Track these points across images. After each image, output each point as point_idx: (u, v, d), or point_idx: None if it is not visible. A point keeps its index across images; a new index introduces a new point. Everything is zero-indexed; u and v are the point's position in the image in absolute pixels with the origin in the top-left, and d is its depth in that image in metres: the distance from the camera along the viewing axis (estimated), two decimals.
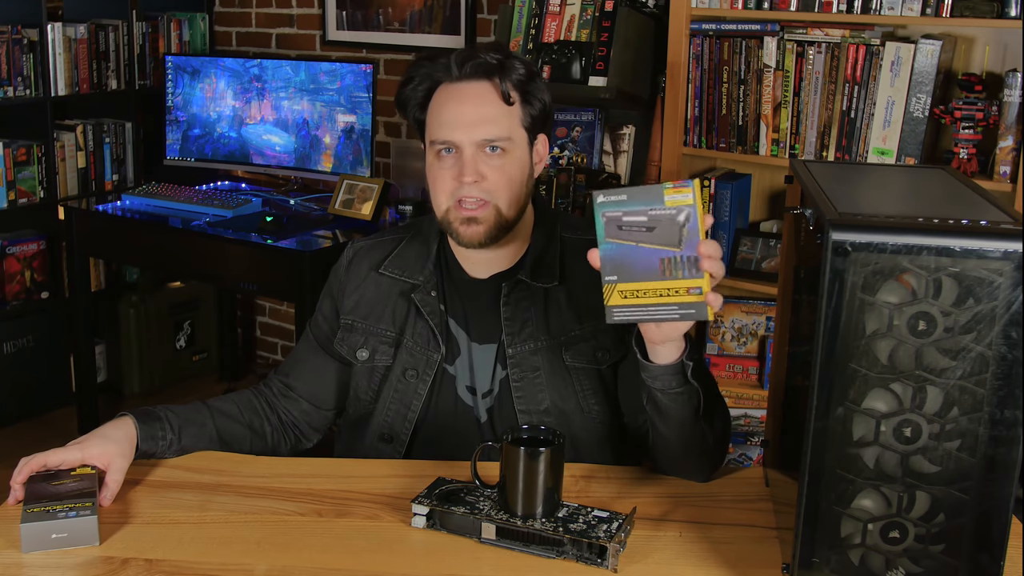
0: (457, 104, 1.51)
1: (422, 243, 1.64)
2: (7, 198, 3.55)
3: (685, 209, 1.16)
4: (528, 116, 1.55)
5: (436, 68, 1.54)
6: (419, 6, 3.57)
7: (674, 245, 1.17)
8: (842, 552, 1.07)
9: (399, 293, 1.62)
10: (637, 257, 1.19)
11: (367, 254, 1.67)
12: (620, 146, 3.06)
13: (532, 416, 1.55)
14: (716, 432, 1.42)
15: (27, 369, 3.71)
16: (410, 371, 1.59)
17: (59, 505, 1.27)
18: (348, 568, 1.23)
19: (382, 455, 1.60)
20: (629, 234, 1.19)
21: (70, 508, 1.27)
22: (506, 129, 1.51)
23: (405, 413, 1.59)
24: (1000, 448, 1.02)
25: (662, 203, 1.16)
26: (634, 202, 1.17)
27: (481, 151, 1.50)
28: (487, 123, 1.50)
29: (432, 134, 1.53)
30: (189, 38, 4.05)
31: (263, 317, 4.33)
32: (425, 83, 1.55)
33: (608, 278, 1.21)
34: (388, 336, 1.62)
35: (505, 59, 1.52)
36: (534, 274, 1.58)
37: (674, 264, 1.18)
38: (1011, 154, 2.32)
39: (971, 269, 0.99)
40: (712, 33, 2.65)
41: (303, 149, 3.50)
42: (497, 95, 1.51)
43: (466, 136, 1.50)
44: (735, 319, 2.76)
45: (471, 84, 1.52)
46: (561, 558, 1.24)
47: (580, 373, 1.56)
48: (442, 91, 1.54)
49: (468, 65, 1.51)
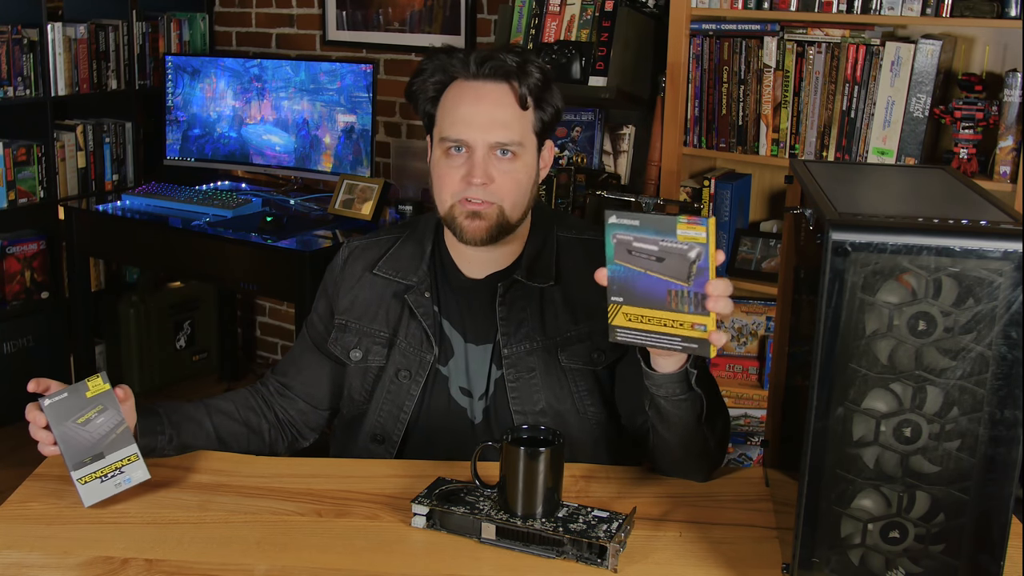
0: (473, 103, 1.50)
1: (416, 243, 1.64)
2: (7, 198, 3.55)
3: (697, 247, 1.15)
4: (540, 122, 1.54)
5: (452, 63, 1.52)
6: (419, 6, 3.57)
7: (683, 279, 1.17)
8: (842, 552, 1.07)
9: (392, 294, 1.62)
10: (645, 284, 1.19)
11: (362, 254, 1.67)
12: (620, 146, 3.06)
13: (527, 417, 1.54)
14: (717, 435, 1.42)
15: (27, 369, 3.70)
16: (403, 372, 1.59)
17: (107, 468, 1.34)
18: (348, 568, 1.23)
19: (374, 456, 1.60)
20: (638, 260, 1.18)
21: (117, 468, 1.34)
22: (519, 134, 1.51)
23: (397, 414, 1.59)
24: (1000, 448, 1.02)
25: (674, 236, 1.15)
26: (646, 229, 1.17)
27: (492, 153, 1.49)
28: (501, 126, 1.49)
29: (443, 130, 1.52)
30: (189, 38, 4.04)
31: (263, 317, 4.33)
32: (438, 76, 1.54)
33: (614, 298, 1.21)
34: (381, 337, 1.61)
35: (524, 63, 1.51)
36: (530, 274, 1.57)
37: (681, 297, 1.18)
38: (1011, 154, 2.32)
39: (971, 269, 0.99)
40: (712, 33, 2.65)
41: (303, 149, 3.50)
42: (514, 98, 1.50)
43: (479, 137, 1.49)
44: (735, 319, 2.76)
45: (489, 84, 1.50)
46: (561, 558, 1.24)
47: (576, 374, 1.56)
48: (457, 87, 1.52)
49: (488, 65, 1.50)
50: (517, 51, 1.53)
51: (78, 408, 1.36)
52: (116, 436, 1.36)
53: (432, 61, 1.55)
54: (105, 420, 1.36)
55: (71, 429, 1.35)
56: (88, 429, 1.35)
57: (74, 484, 1.33)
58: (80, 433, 1.35)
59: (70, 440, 1.34)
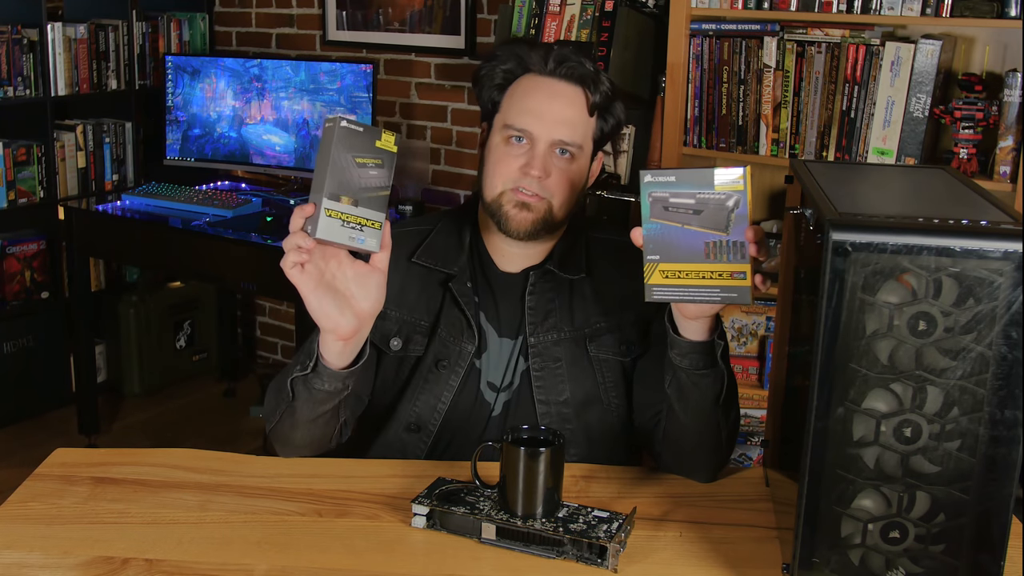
0: (547, 98, 1.52)
1: (454, 234, 1.63)
2: (7, 198, 3.55)
3: (735, 195, 1.17)
4: (600, 131, 1.57)
5: (529, 56, 1.54)
6: (419, 6, 3.57)
7: (721, 229, 1.19)
8: (842, 552, 1.07)
9: (434, 282, 1.60)
10: (682, 238, 1.20)
11: (393, 242, 1.64)
12: (620, 146, 3.06)
13: (551, 407, 1.55)
14: (729, 426, 1.42)
15: (27, 369, 3.71)
16: (443, 362, 1.58)
17: (353, 217, 1.27)
18: (348, 568, 1.23)
19: (407, 446, 1.58)
20: (675, 215, 1.20)
21: (360, 223, 1.28)
22: (581, 137, 1.53)
23: (435, 404, 1.57)
24: (1000, 448, 1.02)
25: (712, 187, 1.18)
26: (683, 184, 1.19)
27: (552, 150, 1.52)
28: (568, 126, 1.52)
29: (509, 118, 1.53)
30: (189, 38, 4.05)
31: (263, 317, 4.33)
32: (511, 65, 1.55)
33: (651, 257, 1.22)
34: (422, 326, 1.60)
35: (597, 73, 1.55)
36: (562, 266, 1.59)
37: (719, 248, 1.19)
38: (1011, 154, 2.32)
39: (971, 269, 0.99)
40: (712, 33, 2.65)
41: (303, 149, 3.50)
42: (585, 103, 1.53)
43: (545, 131, 1.51)
44: (735, 319, 2.76)
45: (563, 84, 1.53)
46: (561, 558, 1.24)
47: (604, 365, 1.57)
48: (530, 80, 1.54)
49: (565, 66, 1.53)
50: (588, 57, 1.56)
51: (363, 148, 1.28)
52: (376, 196, 1.29)
53: (507, 49, 1.56)
54: (378, 175, 1.29)
55: (346, 161, 1.27)
56: (359, 172, 1.28)
57: (317, 210, 1.25)
58: (351, 170, 1.27)
59: (338, 170, 1.26)
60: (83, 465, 1.47)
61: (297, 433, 1.48)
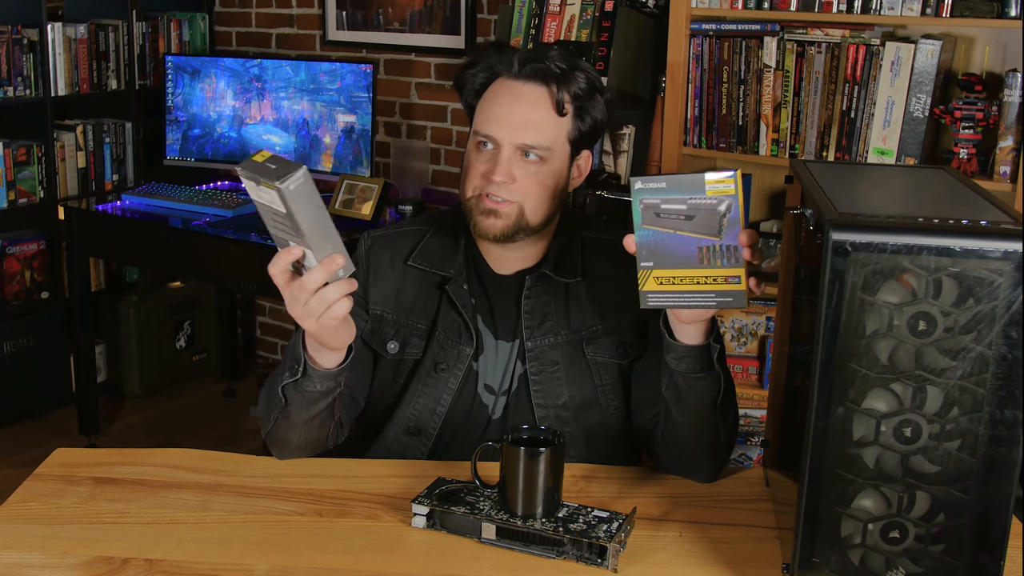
0: (509, 103, 1.51)
1: (448, 236, 1.63)
2: (7, 198, 3.55)
3: (727, 199, 1.17)
4: (576, 130, 1.54)
5: (500, 60, 1.53)
6: (419, 6, 3.56)
7: (714, 234, 1.19)
8: (842, 552, 1.07)
9: (430, 285, 1.60)
10: (675, 244, 1.20)
11: (388, 244, 1.64)
12: (620, 146, 3.06)
13: (549, 411, 1.55)
14: (727, 428, 1.42)
15: (27, 369, 3.71)
16: (441, 364, 1.58)
17: None
18: (348, 568, 1.23)
19: (406, 449, 1.58)
20: (667, 221, 1.20)
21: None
22: (549, 139, 1.51)
23: (434, 407, 1.58)
24: (1000, 448, 1.02)
25: (703, 192, 1.17)
26: (673, 190, 1.18)
27: (519, 154, 1.50)
28: (531, 129, 1.50)
29: (477, 125, 1.53)
30: (189, 38, 4.04)
31: (263, 317, 4.33)
32: (485, 71, 1.55)
33: (644, 264, 1.22)
34: (419, 329, 1.59)
35: (570, 70, 1.51)
36: (557, 269, 1.58)
37: (713, 252, 1.19)
38: (1011, 154, 2.32)
39: (971, 269, 0.99)
40: (712, 33, 2.65)
41: (303, 149, 3.50)
42: (550, 103, 1.51)
43: (507, 136, 1.50)
44: (735, 319, 2.76)
45: (527, 86, 1.51)
46: (561, 558, 1.24)
47: (602, 368, 1.57)
48: (499, 84, 1.54)
49: (529, 66, 1.51)
50: (569, 56, 1.53)
51: None
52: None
53: (482, 55, 1.56)
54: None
55: None
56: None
57: None
58: None
59: None
60: (83, 465, 1.47)
61: (293, 435, 1.47)
